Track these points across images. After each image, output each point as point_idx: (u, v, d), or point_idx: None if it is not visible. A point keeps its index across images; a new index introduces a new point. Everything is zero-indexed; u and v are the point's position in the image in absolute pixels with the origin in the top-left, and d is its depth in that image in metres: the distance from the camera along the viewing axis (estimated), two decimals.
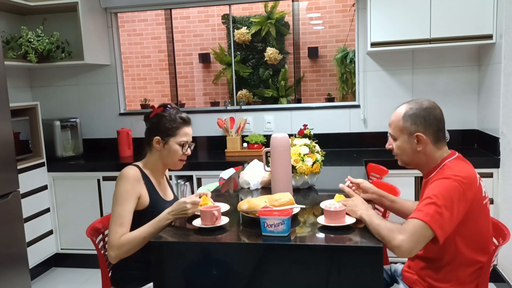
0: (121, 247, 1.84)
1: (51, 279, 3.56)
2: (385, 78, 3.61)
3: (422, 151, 1.71)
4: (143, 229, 1.86)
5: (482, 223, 1.67)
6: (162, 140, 2.04)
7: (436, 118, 1.71)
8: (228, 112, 3.90)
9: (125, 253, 1.86)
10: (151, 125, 2.09)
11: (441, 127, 1.72)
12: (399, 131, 1.75)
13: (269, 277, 1.55)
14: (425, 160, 1.74)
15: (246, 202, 1.75)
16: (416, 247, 1.49)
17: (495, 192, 3.00)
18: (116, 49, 4.06)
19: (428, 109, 1.71)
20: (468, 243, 1.64)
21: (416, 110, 1.71)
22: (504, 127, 2.93)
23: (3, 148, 2.64)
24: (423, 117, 1.69)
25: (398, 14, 3.16)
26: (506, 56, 2.89)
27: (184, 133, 2.06)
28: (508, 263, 2.91)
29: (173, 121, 2.05)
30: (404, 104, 1.77)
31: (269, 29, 6.10)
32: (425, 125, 1.69)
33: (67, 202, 3.65)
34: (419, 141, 1.70)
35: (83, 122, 4.05)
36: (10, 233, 2.71)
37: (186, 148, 2.07)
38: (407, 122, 1.71)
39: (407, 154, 1.76)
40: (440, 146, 1.73)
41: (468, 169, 1.67)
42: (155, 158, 2.08)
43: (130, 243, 1.84)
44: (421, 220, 1.51)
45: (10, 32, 3.72)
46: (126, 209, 1.90)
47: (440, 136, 1.72)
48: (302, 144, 2.28)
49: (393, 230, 1.49)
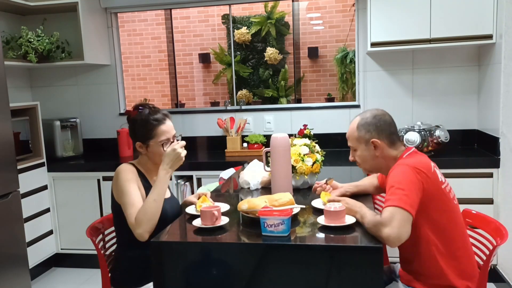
0: (140, 221, 1.84)
1: (51, 279, 3.56)
2: (385, 78, 3.61)
3: (380, 155, 1.84)
4: (150, 194, 1.90)
5: (446, 208, 1.74)
6: (144, 144, 2.04)
7: (387, 123, 1.85)
8: (228, 112, 3.90)
9: (148, 223, 1.84)
10: (130, 130, 2.09)
11: (393, 131, 1.86)
12: (356, 141, 1.88)
13: (269, 277, 1.56)
14: (385, 163, 1.86)
15: (246, 202, 1.75)
16: (402, 232, 1.54)
17: (495, 192, 3.00)
18: (116, 49, 4.06)
19: (378, 116, 1.86)
20: (435, 229, 1.71)
21: (367, 119, 1.86)
22: (504, 127, 2.93)
23: (3, 148, 2.64)
24: (374, 124, 1.84)
25: (398, 14, 3.16)
26: (506, 56, 2.89)
27: (161, 132, 2.02)
28: (508, 263, 2.91)
29: (146, 124, 2.01)
30: (357, 116, 1.92)
31: (269, 29, 6.10)
32: (378, 131, 1.83)
33: (67, 202, 3.65)
34: (376, 146, 1.83)
35: (83, 122, 4.05)
36: (10, 233, 2.71)
37: (169, 145, 2.04)
38: (361, 132, 1.86)
39: (368, 161, 1.89)
40: (396, 147, 1.85)
41: (420, 157, 1.80)
42: (145, 160, 2.09)
43: (145, 214, 1.85)
44: (393, 206, 1.58)
45: (10, 32, 3.72)
46: (133, 192, 1.92)
47: (394, 138, 1.85)
48: (302, 144, 2.28)
49: (376, 225, 1.56)
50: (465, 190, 2.95)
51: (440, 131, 3.19)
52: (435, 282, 1.74)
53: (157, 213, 1.87)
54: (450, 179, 1.83)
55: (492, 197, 3.01)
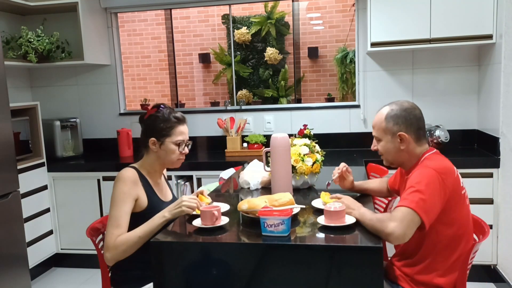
0: (117, 247, 1.83)
1: (51, 279, 3.56)
2: (385, 78, 3.61)
3: (405, 149, 1.80)
4: (139, 228, 1.85)
5: (462, 213, 1.75)
6: (158, 141, 2.02)
7: (416, 118, 1.81)
8: (228, 112, 3.90)
9: (121, 254, 1.84)
10: (146, 126, 2.07)
11: (421, 126, 1.82)
12: (382, 132, 1.84)
13: (269, 277, 1.55)
14: (408, 157, 1.83)
15: (246, 202, 1.75)
16: (408, 232, 1.55)
17: (495, 192, 3.00)
18: (116, 49, 4.06)
19: (408, 110, 1.81)
20: (448, 232, 1.71)
21: (397, 111, 1.81)
22: (504, 127, 2.93)
23: (3, 148, 2.64)
24: (404, 117, 1.79)
25: (398, 14, 3.16)
26: (506, 56, 2.89)
27: (179, 132, 2.04)
28: (508, 263, 2.91)
29: (167, 121, 2.03)
30: (386, 106, 1.87)
31: (269, 29, 6.10)
32: (407, 124, 1.79)
33: (67, 202, 3.65)
34: (402, 140, 1.79)
35: (83, 122, 4.05)
36: (10, 233, 2.71)
37: (183, 147, 2.05)
38: (389, 123, 1.81)
39: (391, 154, 1.85)
40: (421, 144, 1.82)
41: (445, 161, 1.78)
42: (152, 159, 2.07)
43: (126, 243, 1.83)
44: (407, 207, 1.58)
45: (10, 32, 3.72)
46: (123, 210, 1.89)
47: (421, 134, 1.82)
48: (302, 144, 2.28)
49: (384, 220, 1.56)
50: None
51: (440, 131, 3.19)
52: (420, 279, 1.75)
53: (135, 248, 1.83)
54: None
55: (492, 197, 3.01)
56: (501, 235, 2.98)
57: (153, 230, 1.82)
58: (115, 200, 1.91)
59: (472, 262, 1.77)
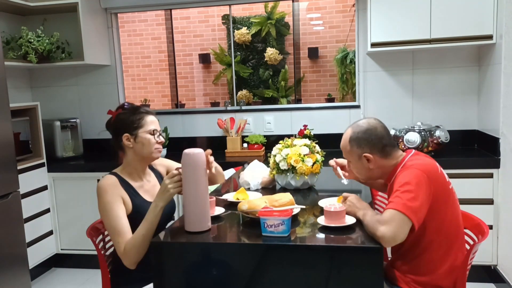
0: (128, 253, 1.82)
1: (51, 280, 3.56)
2: (385, 79, 3.61)
3: (375, 167, 1.84)
4: (140, 228, 1.84)
5: (453, 207, 1.76)
6: (131, 135, 2.00)
7: (378, 137, 1.83)
8: (228, 112, 3.90)
9: (136, 256, 1.82)
10: (115, 127, 2.06)
11: (385, 143, 1.83)
12: (349, 155, 1.89)
13: (269, 277, 1.55)
14: (381, 172, 1.86)
15: (246, 203, 1.75)
16: (398, 234, 1.55)
17: (495, 192, 3.00)
18: (116, 49, 4.06)
19: (369, 131, 1.83)
20: (438, 229, 1.72)
21: (358, 134, 1.84)
22: (504, 127, 2.93)
23: (3, 149, 2.64)
24: (366, 139, 1.82)
25: (398, 14, 3.16)
26: (506, 56, 2.89)
27: (150, 121, 2.04)
28: (508, 263, 2.91)
29: (135, 114, 2.03)
30: (349, 128, 1.91)
31: (269, 30, 6.09)
32: (370, 145, 1.82)
33: (67, 203, 3.64)
34: (368, 160, 1.83)
35: (83, 123, 4.05)
36: (10, 234, 2.71)
37: (158, 135, 2.03)
38: (353, 147, 1.85)
39: (363, 173, 1.90)
40: (392, 156, 1.84)
41: (427, 159, 1.79)
42: (130, 158, 2.04)
43: (134, 246, 1.81)
44: (394, 209, 1.59)
45: (10, 32, 3.72)
46: (116, 216, 1.87)
47: (387, 150, 1.83)
48: (302, 145, 2.28)
49: (374, 223, 1.57)
50: (465, 190, 2.94)
51: (440, 131, 3.19)
52: (419, 280, 1.75)
53: (146, 246, 1.81)
54: (450, 180, 1.83)
55: (492, 197, 3.01)
56: (501, 235, 2.98)
57: (153, 222, 1.81)
58: (103, 211, 1.90)
59: (472, 262, 1.77)
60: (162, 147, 2.08)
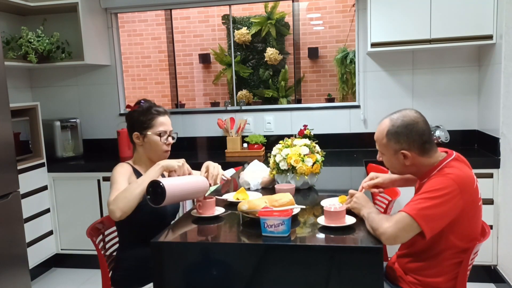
0: (116, 198, 1.83)
1: (51, 280, 3.56)
2: (385, 79, 3.61)
3: (411, 164, 1.72)
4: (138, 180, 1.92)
5: (476, 223, 1.71)
6: (141, 134, 2.08)
7: (419, 133, 1.69)
8: (228, 112, 3.90)
9: (122, 202, 1.81)
10: (129, 122, 2.14)
11: (425, 139, 1.71)
12: (384, 148, 1.76)
13: (269, 277, 1.55)
14: (417, 169, 1.76)
15: (246, 203, 1.75)
16: (401, 236, 1.54)
17: (495, 193, 3.00)
18: (116, 49, 4.06)
19: (410, 126, 1.70)
20: (455, 242, 1.67)
21: (398, 128, 1.70)
22: (504, 127, 2.93)
23: (3, 149, 2.64)
24: (406, 135, 1.69)
25: (398, 14, 3.16)
26: (506, 56, 2.89)
27: (160, 123, 2.08)
28: (508, 263, 2.91)
29: (146, 114, 2.08)
30: (387, 118, 1.77)
31: (269, 30, 6.10)
32: (409, 142, 1.69)
33: (67, 203, 3.64)
34: (405, 157, 1.71)
35: (83, 123, 4.05)
36: (10, 234, 2.71)
37: (166, 137, 2.09)
38: (390, 141, 1.72)
39: (397, 168, 1.78)
40: (430, 155, 1.72)
41: (465, 170, 1.69)
42: (140, 154, 2.12)
43: (124, 191, 1.84)
44: (407, 213, 1.56)
45: (10, 32, 3.72)
46: (122, 181, 1.94)
47: (427, 147, 1.71)
48: (302, 145, 2.28)
49: (381, 220, 1.56)
50: None
51: (441, 131, 3.19)
52: (421, 280, 1.74)
53: (136, 195, 1.82)
54: None
55: (492, 197, 3.00)
56: (501, 235, 2.98)
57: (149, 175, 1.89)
58: (113, 179, 1.97)
59: (473, 262, 1.76)
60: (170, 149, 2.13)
